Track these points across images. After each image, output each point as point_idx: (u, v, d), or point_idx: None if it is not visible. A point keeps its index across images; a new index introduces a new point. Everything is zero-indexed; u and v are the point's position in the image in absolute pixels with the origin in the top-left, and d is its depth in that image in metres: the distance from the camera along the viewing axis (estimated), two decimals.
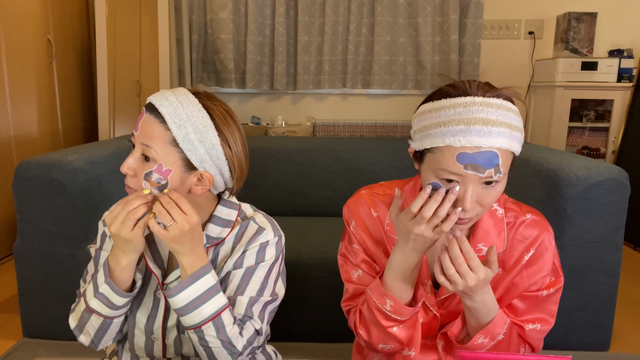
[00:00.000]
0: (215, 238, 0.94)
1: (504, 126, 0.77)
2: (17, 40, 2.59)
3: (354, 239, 1.00)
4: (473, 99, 0.78)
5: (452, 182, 0.80)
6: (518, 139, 0.80)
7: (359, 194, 1.02)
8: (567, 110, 3.16)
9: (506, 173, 0.81)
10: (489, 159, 0.77)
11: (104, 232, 1.00)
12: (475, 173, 0.77)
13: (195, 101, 0.87)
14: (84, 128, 3.34)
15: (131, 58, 3.05)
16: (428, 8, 3.29)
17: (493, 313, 0.87)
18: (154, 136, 0.85)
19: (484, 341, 0.88)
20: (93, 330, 0.91)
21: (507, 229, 0.93)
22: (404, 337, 0.93)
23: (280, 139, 2.34)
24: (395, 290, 0.89)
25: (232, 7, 3.27)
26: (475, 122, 0.76)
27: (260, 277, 0.93)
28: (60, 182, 1.57)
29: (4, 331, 1.80)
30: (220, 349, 0.87)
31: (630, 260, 2.64)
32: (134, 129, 0.88)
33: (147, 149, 0.85)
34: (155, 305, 0.95)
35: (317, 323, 1.72)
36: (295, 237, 1.79)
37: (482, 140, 0.76)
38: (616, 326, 1.82)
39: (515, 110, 0.80)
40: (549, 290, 0.93)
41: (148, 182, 0.86)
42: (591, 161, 1.59)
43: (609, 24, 3.33)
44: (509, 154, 0.79)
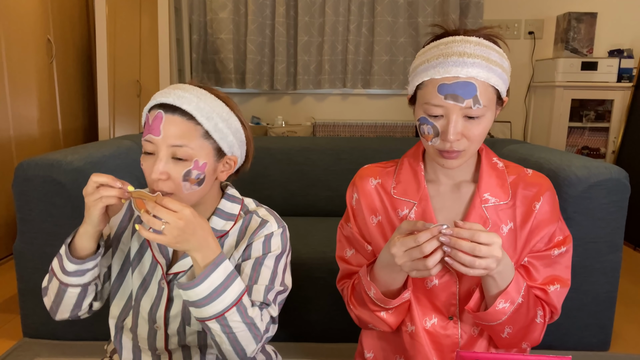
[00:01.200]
0: (220, 231, 0.95)
1: (480, 58, 0.82)
2: (17, 40, 2.59)
3: (350, 217, 1.03)
4: (454, 37, 0.86)
5: (437, 117, 0.85)
6: (497, 73, 0.84)
7: (362, 168, 1.05)
8: (567, 110, 3.16)
9: (489, 107, 0.85)
10: (467, 89, 0.82)
11: None
12: (455, 103, 0.83)
13: (206, 92, 0.89)
14: (84, 128, 3.34)
15: (131, 58, 3.05)
16: (428, 8, 3.29)
17: (511, 275, 0.86)
18: (186, 134, 0.85)
19: (504, 306, 0.85)
20: (52, 293, 0.92)
21: (513, 184, 0.95)
22: (392, 323, 0.94)
23: (280, 139, 2.34)
24: (381, 281, 0.90)
25: (232, 7, 3.27)
26: (453, 55, 0.83)
27: (269, 267, 0.94)
28: (60, 182, 1.57)
29: (4, 331, 1.80)
30: (245, 332, 0.85)
31: (630, 260, 2.64)
32: (150, 133, 0.86)
33: (178, 149, 0.85)
34: (159, 294, 0.96)
35: (317, 323, 1.72)
36: (295, 237, 1.79)
37: (459, 69, 0.82)
38: (616, 326, 1.82)
39: (496, 48, 0.86)
40: (560, 249, 0.94)
41: (188, 181, 0.86)
42: (591, 161, 1.59)
43: (609, 24, 3.33)
44: (487, 87, 0.84)
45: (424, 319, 0.96)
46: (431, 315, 0.96)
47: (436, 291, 0.95)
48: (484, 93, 0.83)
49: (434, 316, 0.96)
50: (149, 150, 0.87)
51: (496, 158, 0.98)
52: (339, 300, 1.69)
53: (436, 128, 0.86)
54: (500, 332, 0.90)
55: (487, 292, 0.88)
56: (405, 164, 1.00)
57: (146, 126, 0.88)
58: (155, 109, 0.86)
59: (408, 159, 1.01)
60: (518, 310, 0.87)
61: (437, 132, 0.86)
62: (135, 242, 1.00)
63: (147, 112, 0.90)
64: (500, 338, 0.91)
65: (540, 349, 1.68)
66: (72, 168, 1.59)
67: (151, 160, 0.87)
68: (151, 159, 0.87)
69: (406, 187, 0.98)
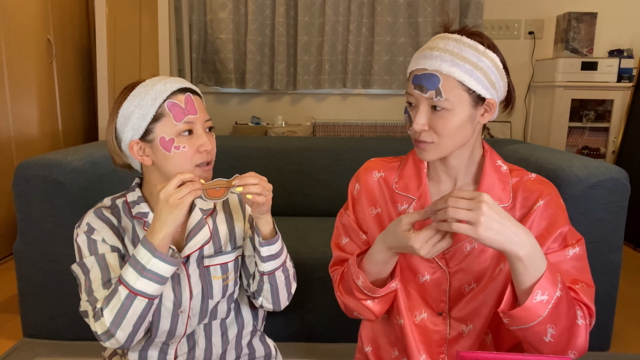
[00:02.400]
0: (207, 210, 1.06)
1: (447, 53, 0.87)
2: (17, 40, 2.59)
3: (350, 206, 1.06)
4: (440, 34, 0.91)
5: (413, 107, 0.92)
6: (465, 69, 0.86)
7: (368, 161, 1.08)
8: (567, 110, 3.16)
9: (456, 102, 0.87)
10: (431, 81, 0.87)
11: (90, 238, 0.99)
12: (420, 93, 0.88)
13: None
14: (84, 128, 3.34)
15: (131, 58, 3.05)
16: (428, 8, 3.29)
17: (543, 262, 0.79)
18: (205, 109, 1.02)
19: (542, 298, 0.77)
20: (133, 319, 0.90)
21: (514, 187, 0.95)
22: (378, 312, 0.97)
23: (280, 139, 2.34)
24: (369, 270, 0.94)
25: (232, 7, 3.27)
26: (426, 48, 0.90)
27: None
28: (60, 182, 1.57)
29: (4, 331, 1.80)
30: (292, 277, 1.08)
31: (630, 260, 2.64)
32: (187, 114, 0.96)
33: (210, 122, 1.01)
34: (176, 280, 1.01)
35: (317, 323, 1.72)
36: (295, 237, 1.79)
37: (427, 61, 0.88)
38: (616, 326, 1.82)
39: (477, 47, 0.88)
40: (574, 249, 0.90)
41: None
42: (591, 161, 1.59)
43: (609, 24, 3.33)
44: (452, 80, 0.86)
45: (414, 313, 0.99)
46: (421, 310, 0.98)
47: (427, 287, 0.97)
48: (449, 87, 0.86)
49: (424, 311, 0.98)
50: (188, 129, 0.96)
51: (500, 161, 0.98)
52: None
53: (411, 117, 0.92)
54: (542, 335, 0.80)
55: (520, 285, 0.79)
56: (410, 160, 1.03)
57: (176, 111, 0.95)
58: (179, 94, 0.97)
59: (413, 156, 1.03)
60: (558, 305, 0.79)
61: (411, 121, 0.92)
62: (130, 246, 1.03)
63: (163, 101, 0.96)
64: (544, 343, 0.82)
65: None
66: (72, 168, 1.59)
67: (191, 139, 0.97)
68: (190, 138, 0.97)
69: (408, 183, 1.00)
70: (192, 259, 1.03)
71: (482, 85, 0.87)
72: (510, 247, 0.77)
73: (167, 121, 0.95)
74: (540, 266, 0.78)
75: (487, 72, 0.88)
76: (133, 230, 1.03)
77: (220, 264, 1.05)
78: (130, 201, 1.04)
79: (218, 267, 1.04)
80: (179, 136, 0.96)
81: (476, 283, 0.95)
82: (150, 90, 0.96)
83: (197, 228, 1.03)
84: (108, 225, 1.01)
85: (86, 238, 0.99)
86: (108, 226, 1.01)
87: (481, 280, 0.95)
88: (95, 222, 1.01)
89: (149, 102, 0.95)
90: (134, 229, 1.03)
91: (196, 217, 1.03)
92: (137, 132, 0.97)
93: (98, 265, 0.97)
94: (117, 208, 1.05)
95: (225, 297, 1.06)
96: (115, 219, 1.03)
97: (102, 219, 1.01)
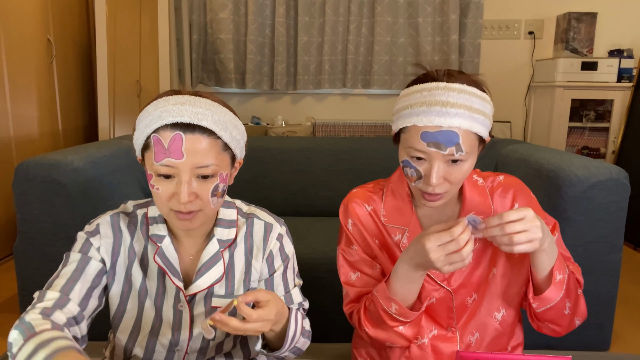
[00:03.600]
0: (226, 240, 0.95)
1: (463, 108, 0.84)
2: (17, 40, 2.59)
3: (352, 239, 1.03)
4: (437, 84, 0.86)
5: (421, 160, 0.88)
6: (480, 121, 0.86)
7: (351, 193, 1.06)
8: (567, 110, 3.16)
9: (471, 152, 0.87)
10: (449, 138, 0.84)
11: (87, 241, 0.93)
12: (437, 150, 0.85)
13: (213, 102, 0.86)
14: (84, 128, 3.34)
15: (131, 58, 3.05)
16: (428, 8, 3.29)
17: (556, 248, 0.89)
18: (209, 152, 0.82)
19: (560, 277, 0.89)
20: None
21: (490, 192, 1.00)
22: (410, 335, 0.95)
23: (280, 139, 2.34)
24: (400, 295, 0.91)
25: (232, 7, 3.27)
26: (436, 104, 0.84)
27: (292, 268, 1.02)
28: (60, 182, 1.57)
29: (4, 331, 1.80)
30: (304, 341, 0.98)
31: (630, 260, 2.64)
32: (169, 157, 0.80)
33: (204, 169, 0.82)
34: (177, 318, 0.94)
35: (317, 323, 1.71)
36: (295, 237, 1.78)
37: (442, 120, 0.84)
38: (616, 326, 1.82)
39: (479, 94, 0.87)
40: (554, 236, 0.97)
41: (216, 196, 0.86)
42: (591, 161, 1.59)
43: (609, 24, 3.33)
44: (470, 134, 0.86)
45: (425, 332, 1.01)
46: (432, 328, 1.00)
47: (435, 307, 0.99)
48: (466, 140, 0.85)
49: (434, 328, 1.00)
50: (166, 173, 0.82)
51: (476, 175, 1.02)
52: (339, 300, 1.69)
53: (419, 172, 0.89)
54: (563, 309, 0.91)
55: (542, 271, 0.89)
56: (390, 191, 1.02)
57: (158, 149, 0.81)
58: (168, 130, 0.81)
59: (392, 185, 1.02)
60: (569, 280, 0.91)
61: (420, 175, 0.89)
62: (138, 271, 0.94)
63: (151, 133, 0.82)
64: (563, 316, 0.93)
65: (540, 349, 1.68)
66: (72, 168, 1.58)
67: (169, 183, 0.83)
68: (169, 182, 0.83)
69: (395, 214, 1.00)
70: (198, 297, 0.93)
71: (487, 130, 0.90)
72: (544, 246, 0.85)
73: (150, 155, 0.83)
74: (555, 250, 0.89)
75: (491, 117, 0.90)
76: (144, 252, 0.94)
77: None
78: (151, 216, 0.94)
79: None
80: (156, 177, 0.83)
81: (476, 293, 0.99)
82: (152, 113, 0.83)
83: (210, 262, 0.93)
84: (115, 239, 0.93)
85: (85, 237, 0.92)
86: (115, 240, 0.93)
87: (479, 290, 0.99)
88: (104, 228, 0.93)
89: (143, 126, 0.84)
90: (145, 250, 0.94)
91: (212, 249, 0.93)
92: (137, 151, 0.89)
93: (77, 265, 0.89)
94: (136, 219, 0.95)
95: (230, 335, 0.97)
96: (129, 235, 0.94)
97: (113, 229, 0.93)
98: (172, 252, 0.93)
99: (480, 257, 0.98)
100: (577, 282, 0.96)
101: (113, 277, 0.93)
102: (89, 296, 0.88)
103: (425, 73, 0.91)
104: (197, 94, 0.86)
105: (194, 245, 0.96)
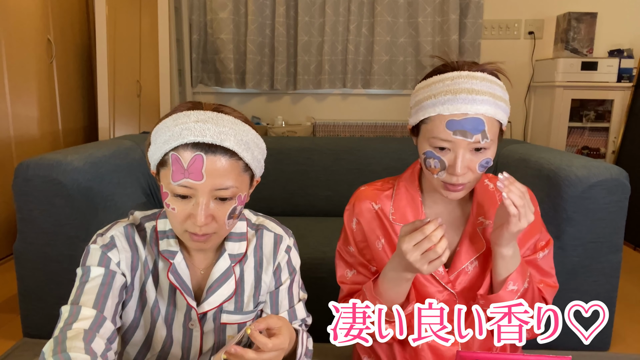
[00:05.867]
0: (237, 255, 0.93)
1: (487, 95, 0.85)
2: (17, 40, 2.59)
3: (351, 240, 1.03)
4: (459, 72, 0.87)
5: (444, 150, 0.87)
6: (502, 108, 0.87)
7: (359, 190, 1.05)
8: (567, 110, 3.15)
9: (494, 140, 0.88)
10: (475, 125, 0.85)
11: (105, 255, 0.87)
12: (464, 138, 0.85)
13: (234, 120, 0.81)
14: (84, 128, 3.34)
15: (131, 58, 3.05)
16: (428, 8, 3.29)
17: (518, 260, 0.92)
18: (229, 174, 0.79)
19: (513, 288, 0.91)
20: None
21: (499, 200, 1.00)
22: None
23: (280, 139, 2.34)
24: (386, 296, 0.92)
25: (232, 7, 3.27)
26: (461, 92, 0.84)
27: (298, 281, 1.01)
28: (60, 182, 1.57)
29: (4, 331, 1.80)
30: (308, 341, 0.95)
31: (630, 260, 2.64)
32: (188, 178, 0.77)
33: (224, 191, 0.79)
34: (188, 337, 0.93)
35: (317, 323, 1.72)
36: (296, 237, 1.78)
37: (468, 107, 0.84)
38: (616, 326, 1.82)
39: (499, 83, 0.88)
40: (544, 252, 1.01)
41: (232, 217, 0.83)
42: (591, 161, 1.59)
43: (609, 24, 3.32)
44: (494, 122, 0.87)
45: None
46: None
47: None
48: (491, 128, 0.86)
49: None
50: (183, 194, 0.79)
51: (487, 180, 1.03)
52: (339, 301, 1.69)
53: (443, 162, 0.88)
54: None
55: (498, 277, 0.92)
56: (402, 189, 1.02)
57: (176, 168, 0.78)
58: (189, 150, 0.77)
59: (404, 183, 1.02)
60: (524, 295, 0.92)
61: (444, 166, 0.88)
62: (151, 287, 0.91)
63: (168, 150, 0.78)
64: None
65: (540, 349, 1.68)
66: (72, 168, 1.58)
67: (186, 204, 0.80)
68: (186, 203, 0.79)
69: (404, 213, 1.00)
70: (209, 314, 0.92)
71: (507, 118, 0.91)
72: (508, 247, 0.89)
73: (167, 173, 0.79)
74: (516, 262, 0.92)
75: (509, 105, 0.91)
76: (154, 266, 0.90)
77: (239, 323, 0.94)
78: (160, 230, 0.91)
79: (236, 327, 0.94)
80: (172, 196, 0.80)
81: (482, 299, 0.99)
82: (171, 129, 0.78)
83: (222, 279, 0.91)
84: (134, 255, 0.89)
85: (101, 251, 0.86)
86: (133, 255, 0.89)
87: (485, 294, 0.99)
88: (120, 241, 0.88)
89: (162, 142, 0.79)
90: (155, 266, 0.90)
91: (223, 264, 0.91)
92: (152, 165, 0.85)
93: (102, 280, 0.84)
94: (144, 232, 0.91)
95: None
96: (143, 249, 0.90)
97: (129, 242, 0.89)
98: (184, 269, 0.90)
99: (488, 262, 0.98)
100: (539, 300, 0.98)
101: (131, 292, 0.90)
102: (117, 312, 0.85)
103: (444, 64, 0.91)
104: (218, 110, 0.82)
105: (204, 259, 0.94)
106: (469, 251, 0.99)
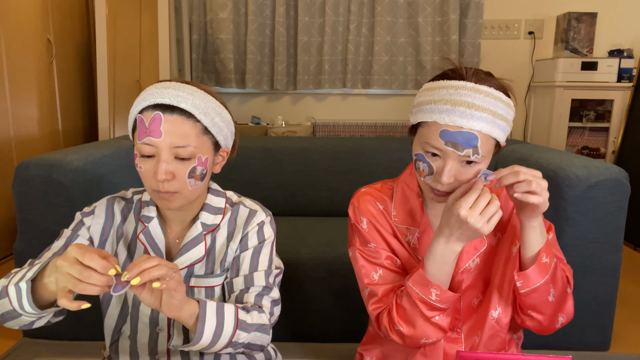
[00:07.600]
0: (211, 225, 0.98)
1: (487, 112, 0.83)
2: (17, 40, 2.59)
3: (369, 237, 1.01)
4: (465, 83, 0.85)
5: (435, 156, 0.87)
6: (501, 127, 0.86)
7: (359, 192, 1.04)
8: (567, 110, 3.15)
9: (486, 156, 0.87)
10: (468, 139, 0.84)
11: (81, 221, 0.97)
12: (454, 150, 0.85)
13: (195, 89, 0.90)
14: (84, 128, 3.34)
15: (131, 58, 3.05)
16: (428, 8, 3.29)
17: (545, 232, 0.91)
18: (187, 133, 0.86)
19: (546, 260, 0.89)
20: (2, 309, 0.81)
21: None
22: (446, 325, 0.94)
23: (280, 139, 2.34)
24: (439, 278, 0.90)
25: (232, 7, 3.27)
26: (461, 104, 0.83)
27: (267, 254, 0.99)
28: (60, 182, 1.57)
29: (4, 331, 1.80)
30: (255, 335, 0.89)
31: (630, 260, 2.64)
32: (149, 136, 0.85)
33: (181, 149, 0.86)
34: None
35: (317, 323, 1.72)
36: (296, 237, 1.79)
37: (464, 121, 0.83)
38: (616, 326, 1.82)
39: (505, 100, 0.86)
40: (549, 235, 0.97)
41: (193, 178, 0.89)
42: (591, 161, 1.59)
43: (609, 24, 3.33)
44: (489, 139, 0.86)
45: None
46: None
47: None
48: (485, 144, 0.85)
49: None
50: (147, 153, 0.87)
51: None
52: (339, 300, 1.69)
53: (432, 168, 0.89)
54: (547, 294, 0.91)
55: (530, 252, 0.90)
56: (401, 190, 1.02)
57: (141, 128, 0.87)
58: (150, 110, 0.86)
59: (402, 185, 1.02)
60: (556, 268, 0.91)
61: (432, 171, 0.89)
62: (122, 250, 0.98)
63: (137, 114, 0.88)
64: (547, 303, 0.92)
65: (540, 349, 1.68)
66: (72, 168, 1.58)
67: (151, 162, 0.87)
68: (151, 161, 0.87)
69: (406, 215, 1.00)
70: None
71: (506, 135, 0.89)
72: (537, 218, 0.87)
73: (136, 135, 0.89)
74: (545, 236, 0.90)
75: (511, 122, 0.89)
76: (133, 233, 0.98)
77: (206, 287, 0.97)
78: (144, 200, 1.00)
79: (203, 290, 0.97)
80: (140, 157, 0.88)
81: (482, 295, 1.00)
82: (140, 96, 0.89)
83: (192, 243, 0.96)
84: (107, 220, 0.97)
85: (80, 217, 0.97)
86: (106, 221, 0.97)
87: (485, 291, 1.00)
88: (99, 210, 0.98)
89: (132, 109, 0.90)
90: (135, 232, 0.98)
91: (195, 231, 0.97)
92: (130, 135, 0.93)
93: (65, 241, 0.93)
94: (132, 204, 1.01)
95: None
96: (121, 217, 0.99)
97: (107, 212, 0.98)
98: (158, 233, 0.97)
99: (488, 259, 0.99)
100: (566, 278, 0.95)
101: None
102: None
103: (453, 69, 0.90)
104: (185, 82, 0.91)
105: (181, 229, 1.00)
106: (470, 250, 0.99)
